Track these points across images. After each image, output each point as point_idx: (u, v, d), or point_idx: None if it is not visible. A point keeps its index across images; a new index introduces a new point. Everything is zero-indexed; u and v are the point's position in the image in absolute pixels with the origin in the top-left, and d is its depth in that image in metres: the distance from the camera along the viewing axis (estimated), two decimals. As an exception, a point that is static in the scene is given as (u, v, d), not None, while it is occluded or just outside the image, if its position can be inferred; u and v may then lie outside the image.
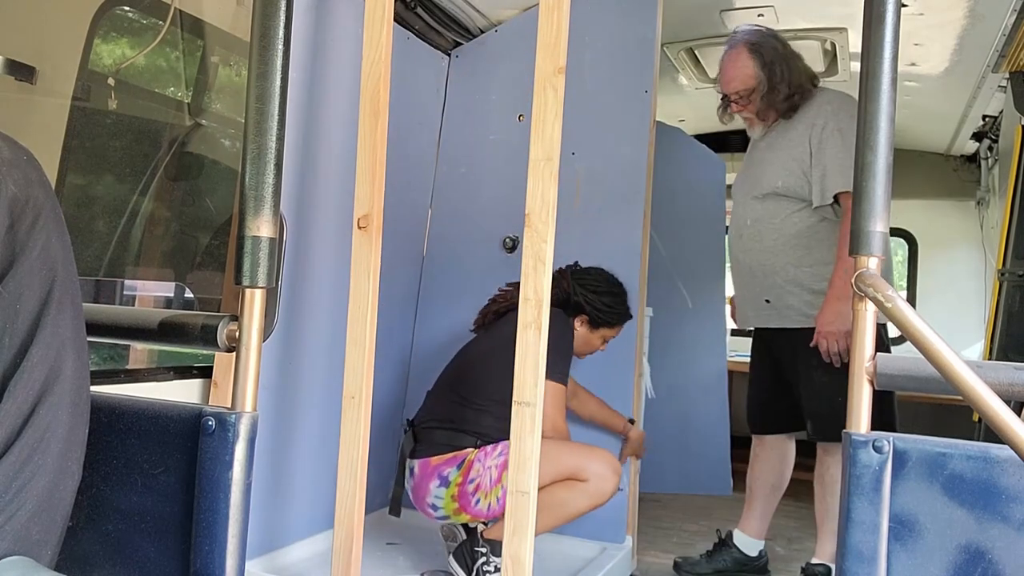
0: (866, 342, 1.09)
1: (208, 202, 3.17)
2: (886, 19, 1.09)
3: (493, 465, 2.45)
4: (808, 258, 2.79)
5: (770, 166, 2.87)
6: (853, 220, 1.11)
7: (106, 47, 2.72)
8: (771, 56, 2.82)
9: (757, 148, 2.98)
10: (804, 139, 2.78)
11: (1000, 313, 3.35)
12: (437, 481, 2.49)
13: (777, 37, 2.89)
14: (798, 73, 2.84)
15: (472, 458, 2.48)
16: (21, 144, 0.95)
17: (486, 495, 2.45)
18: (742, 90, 2.87)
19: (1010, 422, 0.93)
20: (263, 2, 1.12)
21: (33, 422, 0.89)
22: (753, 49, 2.83)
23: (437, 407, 2.61)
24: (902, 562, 1.04)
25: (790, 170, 2.81)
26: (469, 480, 2.46)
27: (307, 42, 2.49)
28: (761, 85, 2.82)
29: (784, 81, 2.81)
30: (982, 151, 4.74)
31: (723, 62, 2.94)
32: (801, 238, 2.80)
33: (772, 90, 2.82)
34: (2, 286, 0.89)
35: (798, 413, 2.90)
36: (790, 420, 2.98)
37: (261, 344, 1.12)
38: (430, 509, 2.53)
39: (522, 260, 2.05)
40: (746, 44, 2.85)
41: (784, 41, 2.89)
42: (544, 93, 2.03)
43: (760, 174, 2.90)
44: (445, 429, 2.54)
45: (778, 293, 2.86)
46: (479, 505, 2.47)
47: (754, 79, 2.83)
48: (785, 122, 2.88)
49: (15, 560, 0.87)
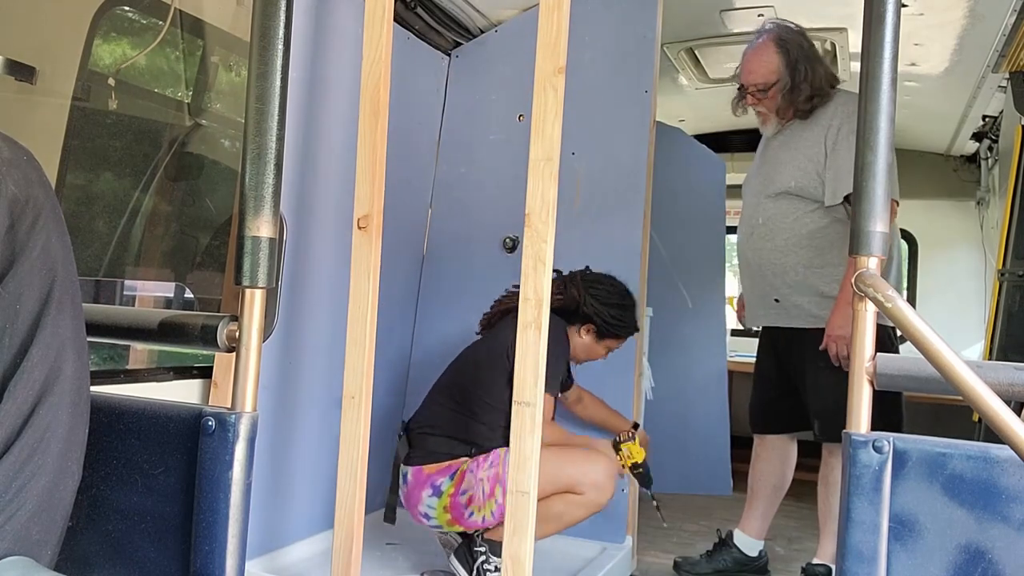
0: (866, 342, 1.09)
1: (208, 202, 3.17)
2: (886, 19, 1.09)
3: (485, 477, 2.43)
4: (819, 259, 2.79)
5: (784, 165, 2.87)
6: (853, 220, 1.11)
7: (106, 47, 2.72)
8: (796, 54, 2.80)
9: (770, 146, 2.97)
10: (820, 140, 2.78)
11: (1000, 313, 3.35)
12: (430, 490, 2.48)
13: (805, 36, 2.87)
14: (820, 75, 2.82)
15: (465, 468, 2.47)
16: (21, 144, 0.95)
17: (480, 508, 2.43)
18: (761, 83, 2.85)
19: (1010, 422, 0.93)
20: (263, 2, 1.12)
21: (33, 422, 0.89)
22: (780, 44, 2.82)
23: (432, 412, 2.59)
24: (902, 562, 1.04)
25: (805, 170, 2.81)
26: (461, 492, 2.45)
27: (307, 42, 2.49)
28: (783, 81, 2.81)
29: (806, 81, 2.80)
30: (982, 151, 4.74)
31: (747, 52, 2.93)
32: (813, 239, 2.79)
33: (794, 88, 2.81)
34: (2, 286, 0.89)
35: (802, 413, 2.90)
36: (793, 420, 2.98)
37: (261, 344, 1.12)
38: (423, 518, 2.52)
39: (522, 260, 2.05)
40: (774, 38, 2.84)
41: (811, 41, 2.87)
42: (544, 93, 2.03)
43: (774, 173, 2.89)
44: (439, 436, 2.52)
45: (787, 293, 2.85)
46: (472, 518, 2.45)
47: (776, 74, 2.82)
48: (801, 122, 2.87)
49: (15, 560, 0.87)
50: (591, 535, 2.94)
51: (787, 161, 2.86)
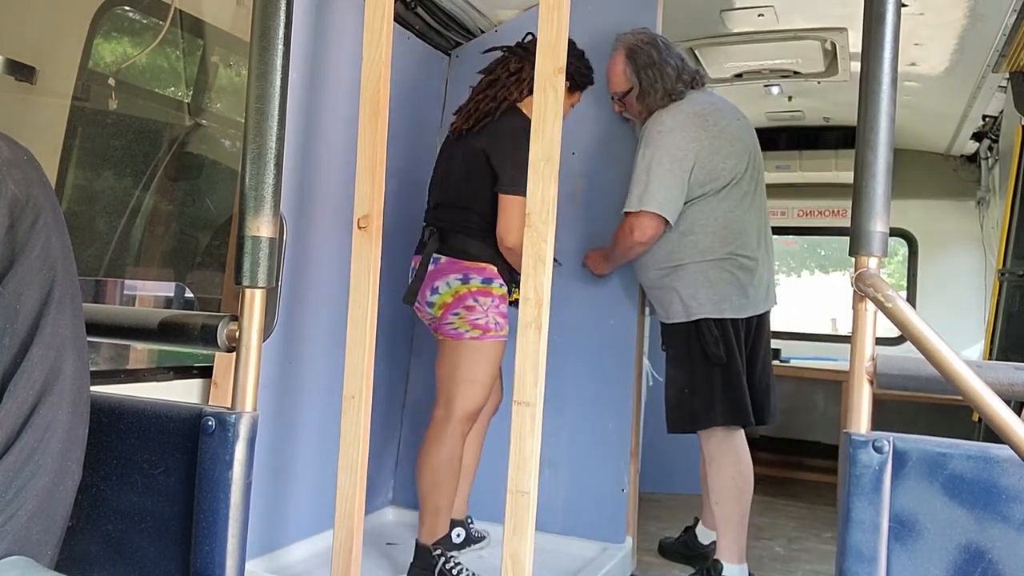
0: (866, 342, 1.09)
1: (208, 202, 3.17)
2: (886, 19, 1.09)
3: (492, 315, 2.52)
4: (646, 257, 2.86)
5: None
6: (853, 220, 1.10)
7: (106, 47, 2.73)
8: (644, 61, 2.84)
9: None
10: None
11: (1000, 313, 3.36)
12: (460, 276, 2.51)
13: (655, 44, 2.88)
14: (669, 80, 2.83)
15: (489, 291, 2.52)
16: (21, 144, 0.95)
17: (474, 325, 2.51)
18: (619, 91, 2.93)
19: (1010, 422, 0.93)
20: (263, 2, 1.12)
21: (33, 422, 0.89)
22: (629, 53, 2.87)
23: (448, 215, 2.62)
24: (902, 562, 1.04)
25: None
26: (476, 299, 2.50)
27: (307, 42, 2.49)
28: (635, 89, 2.86)
29: (655, 86, 2.83)
30: (982, 151, 4.74)
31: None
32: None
33: (643, 94, 2.85)
34: (2, 286, 0.89)
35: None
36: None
37: (261, 344, 1.12)
38: (429, 292, 2.54)
39: (522, 260, 2.05)
40: (624, 48, 2.89)
41: (663, 48, 2.88)
42: (544, 93, 2.03)
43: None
44: (475, 240, 2.55)
45: (648, 290, 2.97)
46: (479, 321, 2.50)
47: (628, 82, 2.87)
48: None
49: (15, 560, 0.87)
50: (591, 535, 2.94)
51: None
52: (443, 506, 2.53)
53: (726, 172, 2.76)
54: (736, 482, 2.78)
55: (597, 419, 3.03)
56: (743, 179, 2.80)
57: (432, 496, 2.52)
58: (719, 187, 2.75)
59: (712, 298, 2.75)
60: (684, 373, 2.80)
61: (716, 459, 2.80)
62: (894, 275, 6.09)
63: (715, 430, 2.78)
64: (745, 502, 2.80)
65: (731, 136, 2.81)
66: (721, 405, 2.74)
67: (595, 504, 2.98)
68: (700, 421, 2.79)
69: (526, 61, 2.53)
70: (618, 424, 3.01)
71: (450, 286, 2.52)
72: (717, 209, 2.76)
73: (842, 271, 7.93)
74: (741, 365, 2.77)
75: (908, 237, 5.31)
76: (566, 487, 3.03)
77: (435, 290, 2.53)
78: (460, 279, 2.51)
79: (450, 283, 2.52)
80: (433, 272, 2.54)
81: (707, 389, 2.75)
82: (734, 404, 2.74)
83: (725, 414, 2.75)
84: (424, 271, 2.55)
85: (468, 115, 2.60)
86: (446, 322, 2.53)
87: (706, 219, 2.76)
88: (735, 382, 2.74)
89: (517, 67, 2.58)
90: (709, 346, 2.73)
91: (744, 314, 2.78)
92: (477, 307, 2.50)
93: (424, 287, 2.55)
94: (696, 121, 2.76)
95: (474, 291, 2.51)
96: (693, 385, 2.77)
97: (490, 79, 2.62)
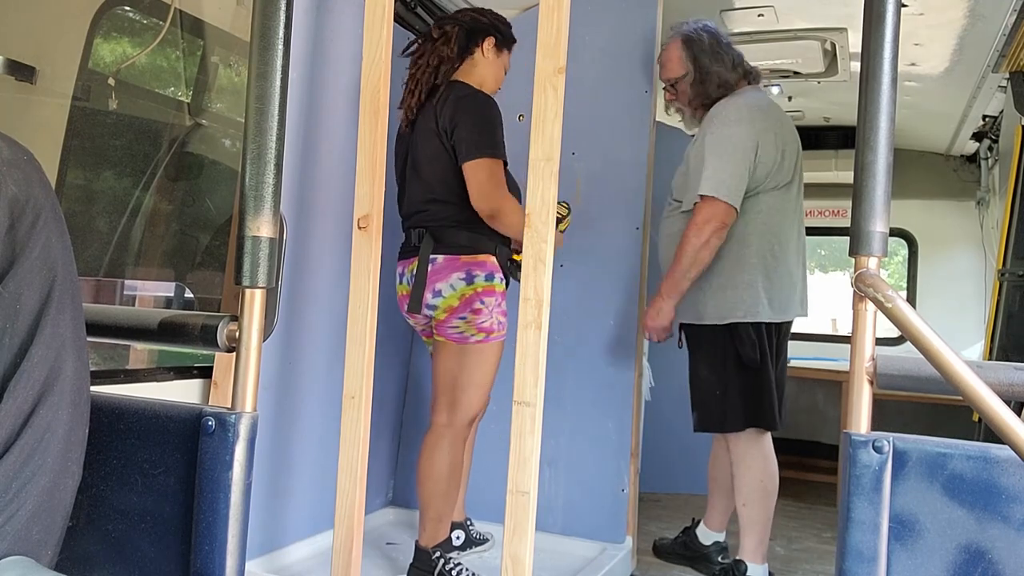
0: (866, 342, 1.09)
1: (208, 202, 3.17)
2: (886, 19, 1.09)
3: (495, 314, 2.46)
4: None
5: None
6: (853, 220, 1.10)
7: (106, 47, 2.73)
8: (699, 49, 2.84)
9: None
10: (696, 143, 2.83)
11: (1000, 313, 3.36)
12: (463, 275, 2.42)
13: (715, 35, 2.89)
14: (727, 68, 2.84)
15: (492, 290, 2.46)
16: (21, 144, 0.95)
17: (479, 328, 2.45)
18: (672, 78, 2.91)
19: (1010, 422, 0.93)
20: (263, 2, 1.12)
21: (33, 422, 0.89)
22: (686, 41, 2.87)
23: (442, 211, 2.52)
24: (902, 562, 1.04)
25: (679, 171, 2.91)
26: (481, 301, 2.43)
27: (307, 42, 2.49)
28: (690, 75, 2.86)
29: (712, 73, 2.83)
30: (982, 151, 4.74)
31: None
32: (674, 240, 2.83)
33: (701, 81, 2.84)
34: (2, 286, 0.89)
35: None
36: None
37: (261, 344, 1.12)
38: (433, 295, 2.43)
39: (522, 260, 2.05)
40: (681, 36, 2.89)
41: (721, 41, 2.89)
42: (544, 93, 2.03)
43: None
44: (463, 231, 2.46)
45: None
46: (484, 324, 2.44)
47: (684, 68, 2.86)
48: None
49: (15, 560, 0.87)
50: (591, 535, 2.95)
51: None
52: (446, 513, 2.50)
53: (786, 170, 2.74)
54: (764, 484, 2.77)
55: (597, 419, 3.03)
56: (794, 181, 2.80)
57: (435, 504, 2.47)
58: (779, 183, 2.74)
59: (749, 301, 2.71)
60: (716, 375, 2.76)
61: (745, 461, 2.79)
62: (894, 275, 6.10)
63: (744, 433, 2.77)
64: (771, 505, 2.79)
65: (789, 135, 2.80)
66: (752, 408, 2.73)
67: (595, 504, 2.98)
68: (731, 423, 2.77)
69: (444, 23, 2.54)
70: (618, 424, 3.01)
71: (454, 288, 2.42)
72: (764, 209, 2.73)
73: (842, 271, 7.93)
74: (772, 370, 2.75)
75: (908, 237, 5.31)
76: (566, 487, 3.03)
77: (437, 293, 2.43)
78: (463, 279, 2.42)
79: (454, 285, 2.42)
80: (432, 274, 2.45)
81: (739, 392, 2.73)
82: (765, 408, 2.73)
83: (756, 417, 2.73)
84: (424, 275, 2.45)
85: (411, 93, 2.54)
86: (450, 325, 2.45)
87: (749, 217, 2.72)
88: (766, 386, 2.72)
89: (439, 32, 2.54)
90: (745, 349, 2.70)
91: (779, 319, 2.76)
92: (484, 309, 2.43)
93: (424, 291, 2.47)
94: (759, 115, 2.74)
95: (480, 291, 2.43)
96: (725, 387, 2.75)
97: (416, 55, 2.58)
